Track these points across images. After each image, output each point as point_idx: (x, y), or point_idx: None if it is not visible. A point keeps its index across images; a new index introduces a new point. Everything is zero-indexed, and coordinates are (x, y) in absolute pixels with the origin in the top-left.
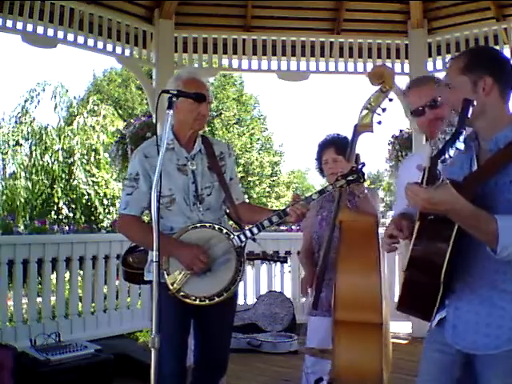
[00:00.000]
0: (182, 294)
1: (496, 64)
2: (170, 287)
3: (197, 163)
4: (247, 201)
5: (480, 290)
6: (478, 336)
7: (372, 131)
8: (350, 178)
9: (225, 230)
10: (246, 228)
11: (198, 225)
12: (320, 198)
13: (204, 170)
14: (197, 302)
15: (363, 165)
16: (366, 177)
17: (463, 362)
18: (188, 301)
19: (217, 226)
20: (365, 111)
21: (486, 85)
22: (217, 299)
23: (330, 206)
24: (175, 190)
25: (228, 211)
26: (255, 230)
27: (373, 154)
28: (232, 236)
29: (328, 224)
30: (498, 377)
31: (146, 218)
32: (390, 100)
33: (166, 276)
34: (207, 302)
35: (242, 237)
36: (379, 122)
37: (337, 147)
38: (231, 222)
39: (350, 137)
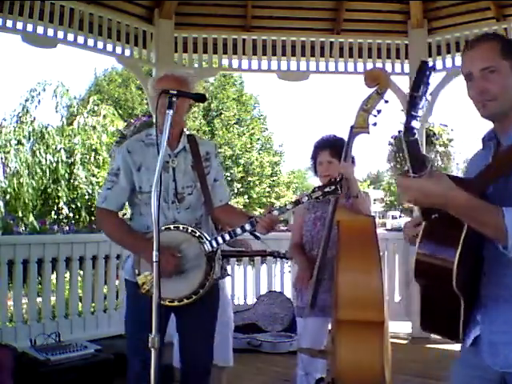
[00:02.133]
0: (151, 294)
1: None
2: (141, 287)
3: (179, 161)
4: (230, 203)
5: None
6: None
7: (368, 132)
8: (327, 189)
9: (198, 234)
10: (219, 234)
11: (172, 226)
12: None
13: (187, 168)
14: (166, 302)
15: (341, 177)
16: (340, 190)
17: None
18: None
19: (190, 229)
20: (361, 113)
21: None
22: (186, 301)
23: (323, 205)
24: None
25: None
26: (227, 237)
27: (373, 154)
28: (204, 241)
29: (322, 224)
30: None
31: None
32: (386, 102)
33: (137, 276)
34: (176, 303)
35: (214, 243)
36: (374, 124)
37: (332, 150)
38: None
39: (346, 138)
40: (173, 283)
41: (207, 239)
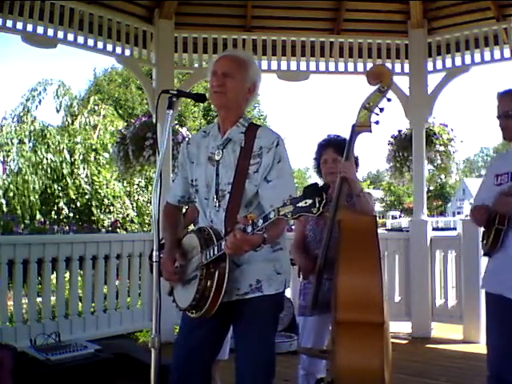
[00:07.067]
0: (172, 297)
1: None
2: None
3: (226, 153)
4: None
5: None
6: None
7: (370, 131)
8: (302, 204)
9: (214, 241)
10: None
11: (199, 229)
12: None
13: (234, 162)
14: (178, 308)
15: (325, 188)
16: (322, 208)
17: None
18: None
19: (210, 233)
20: (363, 111)
21: None
22: (194, 314)
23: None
24: (199, 181)
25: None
26: (215, 251)
27: (373, 154)
28: (204, 251)
29: (325, 222)
30: None
31: None
32: (389, 100)
33: None
34: (191, 314)
35: (210, 252)
36: (377, 122)
37: (335, 148)
38: None
39: (348, 137)
40: (182, 290)
41: (209, 248)
